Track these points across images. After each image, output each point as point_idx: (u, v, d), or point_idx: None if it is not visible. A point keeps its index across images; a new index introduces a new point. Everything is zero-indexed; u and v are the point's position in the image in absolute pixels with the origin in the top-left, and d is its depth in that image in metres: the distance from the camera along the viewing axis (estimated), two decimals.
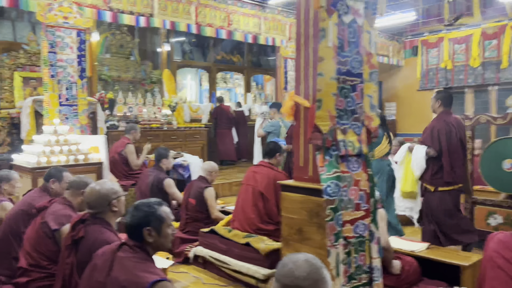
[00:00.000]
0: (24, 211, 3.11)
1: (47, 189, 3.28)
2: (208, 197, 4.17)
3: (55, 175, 3.38)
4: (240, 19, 7.23)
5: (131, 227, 1.83)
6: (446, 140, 3.66)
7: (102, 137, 5.02)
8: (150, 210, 1.85)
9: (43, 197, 3.19)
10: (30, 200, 3.15)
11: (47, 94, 5.36)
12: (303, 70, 2.41)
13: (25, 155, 4.81)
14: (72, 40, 5.53)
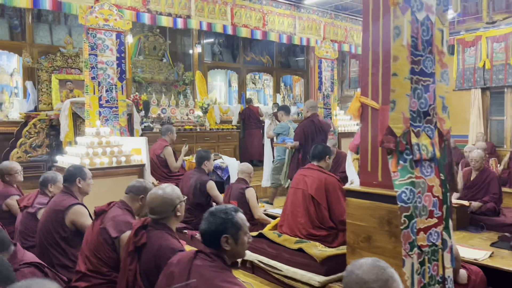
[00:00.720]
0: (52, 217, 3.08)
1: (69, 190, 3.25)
2: (249, 198, 4.11)
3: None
4: (275, 19, 7.15)
5: (208, 234, 1.76)
6: None
7: (143, 139, 5.02)
8: (228, 217, 1.78)
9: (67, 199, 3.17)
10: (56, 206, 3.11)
11: (88, 96, 5.40)
12: (371, 70, 2.30)
13: (68, 157, 4.85)
14: (112, 42, 5.56)
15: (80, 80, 8.19)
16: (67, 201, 3.08)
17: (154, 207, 2.31)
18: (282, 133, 5.87)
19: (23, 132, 6.94)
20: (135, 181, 2.94)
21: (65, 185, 3.22)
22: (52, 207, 3.09)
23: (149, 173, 5.00)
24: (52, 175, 3.85)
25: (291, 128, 5.90)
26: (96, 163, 4.65)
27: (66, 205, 3.04)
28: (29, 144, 6.94)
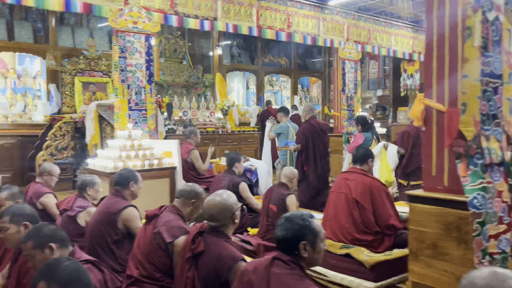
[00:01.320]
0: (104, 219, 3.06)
1: (121, 194, 3.23)
2: (290, 205, 4.05)
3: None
4: (300, 20, 7.10)
5: (285, 241, 1.72)
6: (414, 142, 5.03)
7: (175, 141, 4.99)
8: (305, 223, 1.73)
9: (120, 201, 3.15)
10: (107, 208, 3.09)
11: (118, 99, 5.39)
12: (435, 72, 2.24)
13: (100, 160, 4.84)
14: (141, 44, 5.55)
15: (103, 82, 8.23)
16: (120, 203, 3.06)
17: (214, 214, 2.27)
18: (283, 133, 6.04)
19: (49, 134, 6.97)
20: (185, 185, 2.90)
21: (117, 188, 3.20)
22: (104, 209, 3.07)
23: (180, 176, 4.97)
24: (90, 178, 3.83)
25: (291, 128, 6.09)
26: (129, 166, 4.62)
27: (119, 207, 3.03)
28: (54, 146, 6.97)
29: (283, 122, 6.20)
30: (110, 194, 3.25)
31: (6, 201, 2.84)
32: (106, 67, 8.26)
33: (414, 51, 9.06)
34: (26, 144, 7.70)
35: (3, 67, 8.25)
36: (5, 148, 7.51)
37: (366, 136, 5.47)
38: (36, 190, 4.12)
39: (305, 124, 5.65)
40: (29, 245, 2.00)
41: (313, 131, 5.53)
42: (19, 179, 7.60)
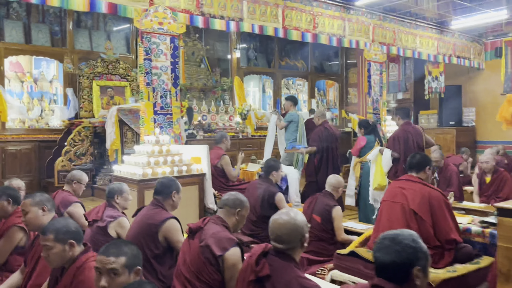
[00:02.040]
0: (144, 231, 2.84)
1: (161, 204, 3.02)
2: (336, 217, 3.80)
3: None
4: (325, 21, 6.88)
5: (394, 267, 1.47)
6: (404, 144, 5.05)
7: (204, 147, 4.77)
8: (417, 245, 1.49)
9: (161, 212, 2.94)
10: (148, 220, 2.88)
11: (143, 103, 5.18)
12: None
13: (128, 167, 4.63)
14: (166, 46, 5.34)
15: (121, 86, 8.04)
16: (161, 215, 2.84)
17: (282, 235, 2.02)
18: (293, 121, 6.02)
19: (68, 140, 6.78)
20: (228, 194, 2.68)
21: (158, 198, 2.98)
22: (143, 220, 2.85)
23: (210, 183, 4.74)
24: (118, 185, 3.63)
25: (301, 116, 6.23)
26: (158, 173, 4.41)
27: (160, 219, 2.81)
28: (73, 152, 6.77)
29: (292, 111, 6.20)
30: (150, 204, 3.03)
31: (31, 207, 2.65)
32: (124, 70, 8.06)
33: (439, 53, 8.80)
34: (43, 149, 7.52)
35: (19, 70, 8.09)
36: (22, 153, 7.33)
37: (368, 139, 5.56)
38: (64, 199, 3.91)
39: (320, 127, 5.89)
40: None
41: (327, 134, 5.79)
42: (36, 185, 7.41)
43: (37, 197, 2.67)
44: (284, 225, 2.02)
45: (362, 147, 5.53)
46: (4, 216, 3.18)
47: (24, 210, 2.62)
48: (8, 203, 3.16)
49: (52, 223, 2.21)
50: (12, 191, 3.24)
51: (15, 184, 3.91)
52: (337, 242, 3.85)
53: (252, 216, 4.30)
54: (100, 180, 6.81)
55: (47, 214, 2.65)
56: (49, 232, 2.13)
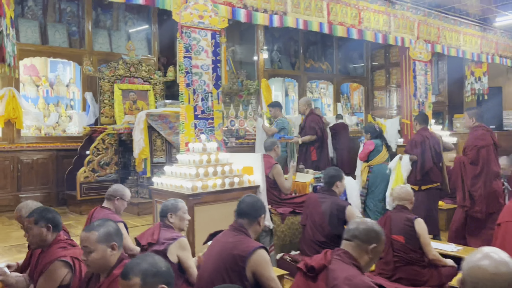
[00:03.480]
0: (227, 264, 2.25)
1: (244, 229, 2.42)
2: (421, 232, 3.22)
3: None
4: (371, 16, 6.30)
5: None
6: (421, 147, 4.91)
7: (257, 155, 4.16)
8: None
9: (246, 240, 2.34)
10: (231, 250, 2.28)
11: (183, 106, 4.58)
12: None
13: (171, 179, 4.02)
14: (207, 42, 4.76)
15: (143, 90, 7.46)
16: (247, 244, 2.25)
17: None
18: (284, 127, 5.96)
19: (91, 148, 6.17)
20: (356, 222, 2.04)
21: (241, 221, 2.38)
22: (225, 250, 2.25)
23: (265, 197, 4.12)
24: (172, 202, 3.05)
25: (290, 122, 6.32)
26: (208, 186, 3.81)
27: (248, 249, 2.21)
28: (97, 161, 6.16)
29: (279, 117, 6.10)
30: (230, 230, 2.43)
31: (98, 245, 2.01)
32: (146, 73, 7.50)
33: (482, 52, 8.22)
34: (61, 159, 6.93)
35: (34, 74, 7.51)
36: (39, 163, 6.73)
37: (376, 143, 5.50)
38: (107, 217, 3.30)
39: (313, 116, 5.93)
40: None
41: (322, 122, 5.95)
42: (54, 198, 6.81)
43: (104, 228, 2.03)
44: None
45: (371, 151, 5.46)
46: (41, 245, 2.56)
47: (87, 247, 1.99)
48: (48, 229, 2.54)
49: (136, 262, 1.60)
50: (51, 214, 2.62)
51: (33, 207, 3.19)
52: (430, 264, 3.25)
53: (319, 236, 3.70)
54: None
55: (116, 254, 2.03)
56: (134, 275, 1.54)
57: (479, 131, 4.48)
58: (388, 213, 3.55)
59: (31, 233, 2.54)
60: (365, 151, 5.50)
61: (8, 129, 6.59)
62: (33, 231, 2.53)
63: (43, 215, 2.56)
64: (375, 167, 5.38)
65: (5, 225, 5.44)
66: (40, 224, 2.53)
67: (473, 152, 4.37)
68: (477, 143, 4.39)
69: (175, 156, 6.22)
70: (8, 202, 6.40)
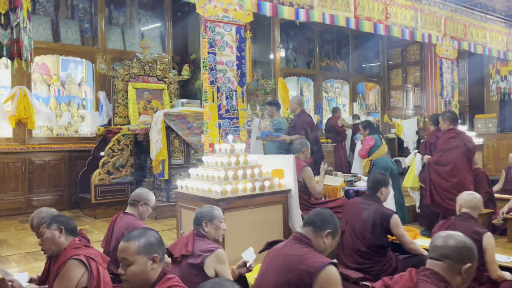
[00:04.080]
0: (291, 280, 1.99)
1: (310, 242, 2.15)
2: (488, 247, 2.91)
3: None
4: (398, 11, 6.02)
5: None
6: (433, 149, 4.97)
7: (290, 157, 3.88)
8: None
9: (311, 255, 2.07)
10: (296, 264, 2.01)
11: (207, 104, 4.32)
12: None
13: (196, 182, 3.76)
14: (231, 37, 4.50)
15: (158, 89, 7.21)
16: (316, 258, 1.98)
17: None
18: (281, 128, 5.69)
19: (106, 149, 5.92)
20: (442, 237, 1.74)
21: (308, 231, 2.11)
22: (290, 263, 2.00)
23: (297, 201, 3.86)
24: (208, 209, 2.78)
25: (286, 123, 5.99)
26: (238, 190, 3.54)
27: (316, 265, 1.95)
28: (112, 163, 5.91)
29: (275, 117, 5.83)
30: (293, 240, 2.17)
31: (137, 256, 1.78)
32: (161, 71, 7.25)
33: (508, 50, 7.92)
34: (74, 160, 6.68)
35: (46, 73, 7.28)
36: (51, 165, 6.49)
37: (375, 138, 5.47)
38: (130, 226, 3.04)
39: (305, 116, 5.66)
40: None
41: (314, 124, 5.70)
42: (67, 201, 6.56)
43: (145, 238, 1.78)
44: None
45: (372, 146, 5.41)
46: (55, 251, 2.34)
47: (126, 259, 1.74)
48: (60, 232, 2.34)
49: None
50: (64, 217, 2.41)
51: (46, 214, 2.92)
52: (489, 280, 2.96)
53: (360, 245, 3.40)
54: None
55: (157, 268, 1.77)
56: None
57: (450, 134, 4.68)
58: (452, 219, 3.24)
59: (44, 238, 2.38)
60: (366, 147, 5.47)
61: (19, 130, 6.35)
62: (45, 236, 2.36)
63: (55, 218, 2.38)
64: (377, 160, 5.34)
65: (17, 229, 5.20)
66: (52, 227, 2.36)
67: (439, 154, 4.67)
68: (445, 146, 4.65)
69: (193, 157, 5.97)
70: (20, 205, 6.16)
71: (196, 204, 3.66)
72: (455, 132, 4.68)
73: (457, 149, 4.58)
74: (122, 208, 5.91)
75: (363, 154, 5.51)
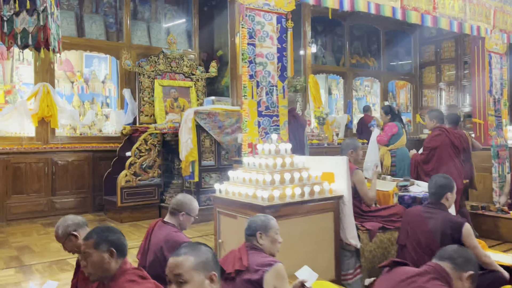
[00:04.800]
0: None
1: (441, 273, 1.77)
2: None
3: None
4: (446, 1, 5.54)
5: None
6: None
7: (343, 159, 3.46)
8: None
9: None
10: None
11: (246, 101, 3.93)
12: None
13: (237, 186, 3.37)
14: (272, 28, 4.11)
15: (185, 87, 6.88)
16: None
17: None
18: None
19: (133, 149, 5.60)
20: None
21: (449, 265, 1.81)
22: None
23: (350, 209, 3.43)
24: (263, 219, 2.46)
25: None
26: (286, 195, 3.15)
27: None
28: (139, 164, 5.58)
29: None
30: (429, 271, 1.84)
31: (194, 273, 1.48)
32: (188, 68, 6.91)
33: None
34: (98, 161, 6.39)
35: (69, 69, 7.02)
36: (74, 166, 6.20)
37: (398, 125, 5.28)
38: (170, 238, 2.67)
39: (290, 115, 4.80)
40: None
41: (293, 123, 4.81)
42: (91, 203, 6.27)
43: (200, 253, 1.44)
44: None
45: (394, 134, 5.18)
46: (103, 277, 1.93)
47: (180, 275, 1.38)
48: (111, 255, 1.90)
49: None
50: (115, 234, 1.98)
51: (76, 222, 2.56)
52: None
53: (427, 260, 2.96)
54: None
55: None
56: None
57: (435, 132, 4.64)
58: None
59: (90, 260, 1.90)
60: (388, 133, 5.23)
61: (42, 129, 6.09)
62: (92, 258, 1.89)
63: (105, 236, 1.92)
64: (399, 151, 5.19)
65: (40, 234, 4.91)
66: (101, 248, 1.89)
67: (425, 153, 4.64)
68: (431, 144, 4.62)
69: (224, 158, 5.61)
70: (43, 208, 5.89)
71: (237, 211, 3.29)
72: (440, 129, 4.65)
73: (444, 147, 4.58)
74: (149, 212, 5.67)
75: (384, 141, 5.24)
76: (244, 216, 3.21)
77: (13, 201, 5.69)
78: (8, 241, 4.51)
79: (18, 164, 5.78)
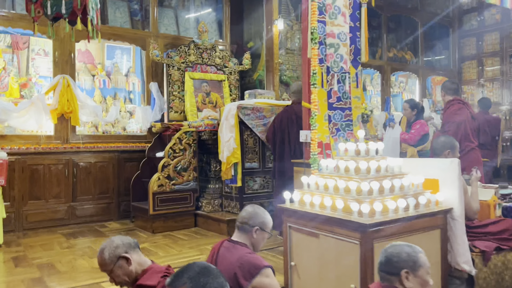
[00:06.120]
0: None
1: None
2: None
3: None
4: None
5: None
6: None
7: (453, 161, 2.74)
8: None
9: None
10: None
11: (315, 90, 3.24)
12: None
13: (317, 196, 2.66)
14: (344, 2, 3.42)
15: (217, 80, 6.19)
16: None
17: None
18: None
19: (166, 150, 4.92)
20: None
21: None
22: None
23: (462, 226, 2.71)
24: (408, 251, 1.95)
25: None
26: (389, 209, 2.43)
27: None
28: (172, 166, 4.90)
29: None
30: None
31: None
32: (220, 60, 6.23)
33: None
34: (123, 162, 5.72)
35: (89, 61, 6.36)
36: (97, 168, 5.54)
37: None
38: (245, 263, 2.00)
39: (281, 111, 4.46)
40: None
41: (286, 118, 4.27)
42: (115, 210, 5.60)
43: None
44: None
45: (426, 133, 4.76)
46: None
47: None
48: None
49: None
50: (215, 281, 1.29)
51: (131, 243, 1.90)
52: None
53: None
54: (208, 205, 4.92)
55: None
56: None
57: (455, 106, 4.16)
58: None
59: None
60: (420, 132, 4.75)
61: (61, 126, 5.43)
62: None
63: (203, 284, 1.25)
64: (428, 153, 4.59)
65: (63, 248, 4.23)
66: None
67: (453, 128, 4.07)
68: (455, 118, 4.12)
69: (269, 160, 4.90)
70: (63, 215, 5.23)
71: (320, 228, 2.58)
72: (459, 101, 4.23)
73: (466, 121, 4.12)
74: (184, 220, 4.97)
75: (414, 140, 4.77)
76: (330, 235, 2.50)
77: (30, 208, 5.04)
78: (27, 257, 3.84)
79: (35, 166, 5.12)
